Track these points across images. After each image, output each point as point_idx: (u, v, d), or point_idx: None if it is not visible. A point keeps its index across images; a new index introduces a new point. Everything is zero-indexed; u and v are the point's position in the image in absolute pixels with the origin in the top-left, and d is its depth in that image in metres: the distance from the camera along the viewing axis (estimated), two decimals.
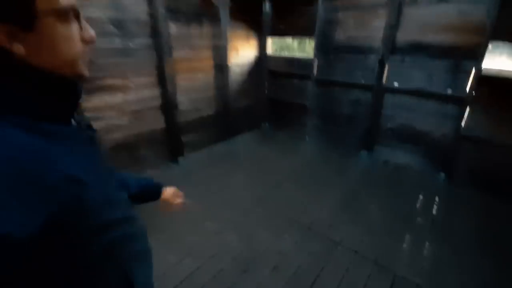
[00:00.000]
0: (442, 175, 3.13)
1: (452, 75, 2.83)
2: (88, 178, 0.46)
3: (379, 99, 3.38)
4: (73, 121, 0.53)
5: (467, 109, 2.81)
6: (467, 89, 2.75)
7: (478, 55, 2.60)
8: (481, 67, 2.60)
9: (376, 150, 3.64)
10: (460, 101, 2.84)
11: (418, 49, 2.99)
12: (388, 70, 3.22)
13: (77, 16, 0.47)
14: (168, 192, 0.98)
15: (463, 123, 2.87)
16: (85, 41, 0.49)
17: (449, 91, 2.88)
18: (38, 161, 0.40)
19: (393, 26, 3.03)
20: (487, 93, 2.68)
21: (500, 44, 2.61)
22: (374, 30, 3.22)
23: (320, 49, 3.67)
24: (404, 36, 3.05)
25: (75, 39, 0.47)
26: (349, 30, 3.42)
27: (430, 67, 2.93)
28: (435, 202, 2.77)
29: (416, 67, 3.02)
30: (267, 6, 3.98)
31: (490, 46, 2.59)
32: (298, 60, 4.07)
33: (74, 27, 0.47)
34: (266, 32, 4.13)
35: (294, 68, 4.07)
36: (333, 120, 3.92)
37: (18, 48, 0.41)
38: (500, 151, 2.73)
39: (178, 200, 1.00)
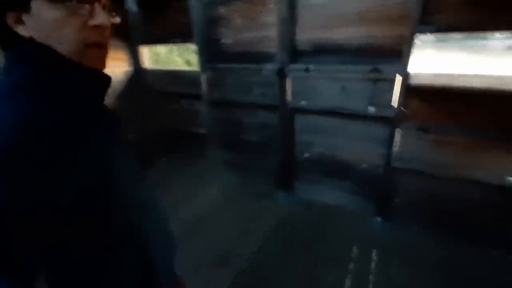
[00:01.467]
0: (379, 219, 2.30)
1: (373, 86, 1.99)
2: (114, 159, 0.51)
3: (288, 123, 2.45)
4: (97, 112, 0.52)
5: (397, 132, 2.00)
6: (394, 104, 1.93)
7: (402, 55, 1.78)
8: (408, 73, 1.79)
9: (296, 188, 2.70)
10: (387, 122, 2.02)
11: (324, 51, 2.10)
12: (291, 84, 2.30)
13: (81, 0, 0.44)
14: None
15: (394, 151, 2.05)
16: (94, 27, 0.45)
17: (371, 110, 2.03)
18: (70, 135, 0.45)
19: (287, 21, 2.10)
20: (419, 108, 1.88)
21: (428, 38, 1.82)
22: (267, 28, 2.27)
23: (206, 58, 2.63)
24: (305, 34, 2.15)
25: (72, 23, 0.44)
26: (237, 30, 2.44)
27: (343, 77, 2.06)
28: (372, 259, 1.92)
29: (325, 77, 2.13)
30: (130, 2, 2.83)
31: (417, 41, 1.79)
32: (182, 74, 2.98)
33: (71, 10, 0.43)
34: (136, 39, 2.98)
35: (180, 85, 2.97)
36: (240, 151, 2.91)
37: (23, 30, 0.43)
38: (443, 184, 1.96)
39: None
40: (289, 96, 2.33)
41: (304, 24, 2.12)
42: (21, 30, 0.43)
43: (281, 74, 2.25)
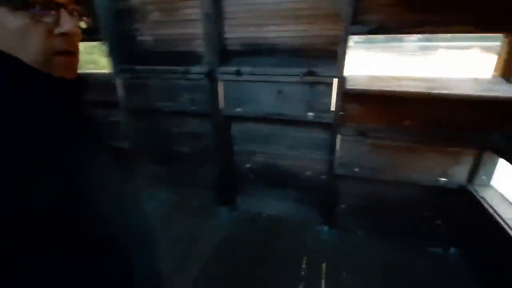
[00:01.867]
0: (325, 228, 2.20)
1: (311, 90, 1.84)
2: (91, 168, 0.48)
3: (224, 132, 2.17)
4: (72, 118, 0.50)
5: (338, 137, 1.89)
6: (332, 109, 1.81)
7: (338, 57, 1.66)
8: (344, 76, 1.67)
9: (238, 201, 2.45)
10: (327, 127, 1.89)
11: (258, 52, 1.87)
12: (223, 89, 2.02)
13: (45, 6, 0.41)
14: None
15: (336, 157, 1.95)
16: (61, 35, 0.43)
17: (310, 115, 1.89)
18: (42, 145, 0.43)
19: (212, 16, 1.81)
20: (357, 112, 1.79)
21: (360, 39, 1.72)
22: (192, 24, 1.94)
23: (119, 59, 2.17)
24: (234, 31, 1.88)
25: (37, 32, 0.41)
26: (156, 26, 2.05)
27: (279, 80, 1.87)
28: (322, 269, 1.83)
29: (260, 81, 1.91)
30: None
31: (351, 42, 1.68)
32: (95, 77, 2.45)
33: (35, 17, 0.40)
34: None
35: (92, 91, 2.43)
36: (173, 165, 2.53)
37: None
38: (384, 187, 1.94)
39: None
40: (222, 102, 2.04)
41: (232, 21, 1.85)
42: None
43: (211, 78, 1.95)
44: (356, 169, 1.92)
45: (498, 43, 1.50)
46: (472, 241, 1.75)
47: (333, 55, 1.68)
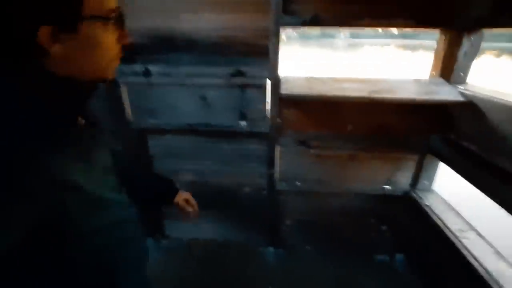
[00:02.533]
0: (271, 249, 1.94)
1: (241, 95, 1.51)
2: (77, 179, 0.44)
3: (138, 148, 1.71)
4: (79, 118, 0.52)
5: (277, 149, 1.62)
6: (268, 116, 1.52)
7: (269, 54, 1.36)
8: (278, 76, 1.39)
9: (168, 229, 2.02)
10: (263, 138, 1.60)
11: (172, 47, 1.46)
12: (129, 95, 1.55)
13: (120, 21, 0.48)
14: (182, 197, 0.95)
15: (276, 170, 1.68)
16: (120, 45, 0.49)
17: (243, 124, 1.57)
18: (24, 160, 0.39)
19: None
20: (296, 119, 1.54)
21: (293, 33, 1.46)
22: None
23: None
24: (137, 19, 1.43)
25: (112, 44, 0.47)
26: None
27: (201, 83, 1.49)
28: None
29: (176, 84, 1.50)
30: None
31: (283, 36, 1.40)
32: None
33: (114, 31, 0.47)
34: None
35: None
36: None
37: (57, 48, 0.41)
38: (328, 200, 1.75)
39: (188, 209, 0.95)
40: (129, 113, 1.57)
41: (134, 5, 1.39)
42: (53, 47, 0.41)
43: (110, 81, 1.47)
44: (298, 183, 1.69)
45: (422, 41, 1.39)
46: (416, 247, 1.68)
47: (264, 51, 1.37)
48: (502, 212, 1.11)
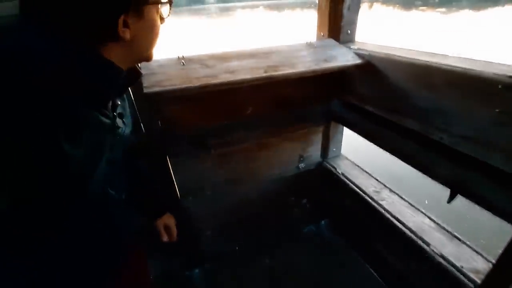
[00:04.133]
0: (196, 271, 1.61)
1: None
2: (73, 153, 0.42)
3: None
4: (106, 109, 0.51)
5: (168, 162, 1.21)
6: (141, 123, 1.07)
7: None
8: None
9: None
10: (145, 151, 1.15)
11: None
12: None
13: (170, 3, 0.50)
14: (164, 221, 0.93)
15: (176, 186, 1.29)
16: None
17: None
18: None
19: None
20: (183, 117, 1.15)
21: None
22: None
23: None
24: None
25: (159, 25, 0.50)
26: None
27: None
28: None
29: None
30: None
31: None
32: None
33: (162, 13, 0.50)
34: None
35: None
36: None
37: (126, 33, 0.44)
38: (248, 194, 1.53)
39: (163, 237, 0.93)
40: None
41: None
42: (125, 33, 0.44)
43: None
44: (208, 192, 1.37)
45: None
46: (337, 212, 1.71)
47: None
48: (404, 166, 1.12)
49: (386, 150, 1.12)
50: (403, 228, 1.12)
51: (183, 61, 0.98)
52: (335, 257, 1.65)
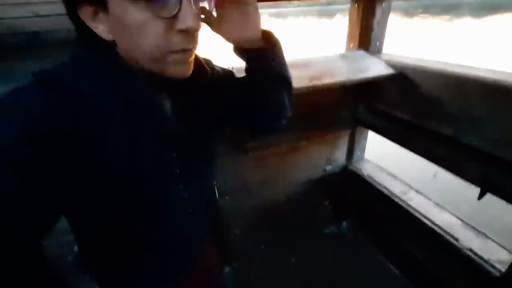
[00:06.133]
0: (227, 269, 1.69)
1: None
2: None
3: None
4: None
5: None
6: None
7: None
8: None
9: None
10: None
11: None
12: None
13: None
14: None
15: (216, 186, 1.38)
16: (180, 31, 0.37)
17: None
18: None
19: None
20: None
21: None
22: None
23: None
24: None
25: (155, 28, 0.35)
26: None
27: None
28: None
29: None
30: None
31: None
32: None
33: (155, 11, 0.34)
34: None
35: None
36: None
37: (103, 31, 0.38)
38: (275, 195, 1.62)
39: None
40: None
41: None
42: (101, 32, 0.38)
43: None
44: (243, 193, 1.46)
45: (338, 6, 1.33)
46: (360, 213, 1.79)
47: None
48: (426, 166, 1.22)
49: (417, 153, 1.21)
50: (432, 226, 1.20)
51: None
52: (358, 255, 1.73)
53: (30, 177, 0.31)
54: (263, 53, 0.51)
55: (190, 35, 0.38)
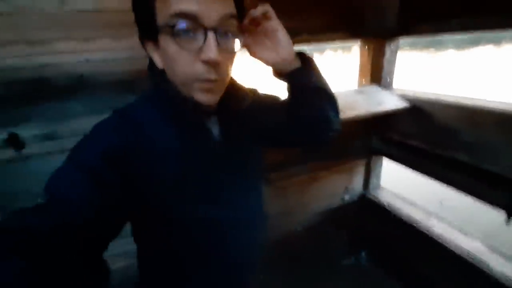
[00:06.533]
0: None
1: None
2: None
3: None
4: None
5: None
6: None
7: None
8: None
9: None
10: None
11: (47, 93, 0.93)
12: None
13: (193, 31, 0.43)
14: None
15: None
16: (204, 62, 0.43)
17: None
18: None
19: None
20: None
21: None
22: None
23: None
24: None
25: (184, 57, 0.44)
26: None
27: None
28: None
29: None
30: None
31: None
32: None
33: (187, 44, 0.43)
34: None
35: None
36: None
37: (157, 60, 0.47)
38: (295, 225, 1.61)
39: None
40: None
41: None
42: (157, 61, 0.48)
43: None
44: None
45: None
46: (377, 242, 1.77)
47: None
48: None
49: (436, 180, 1.26)
50: (458, 252, 1.20)
51: None
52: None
53: (106, 187, 0.40)
54: (301, 71, 0.56)
55: (213, 65, 0.44)
